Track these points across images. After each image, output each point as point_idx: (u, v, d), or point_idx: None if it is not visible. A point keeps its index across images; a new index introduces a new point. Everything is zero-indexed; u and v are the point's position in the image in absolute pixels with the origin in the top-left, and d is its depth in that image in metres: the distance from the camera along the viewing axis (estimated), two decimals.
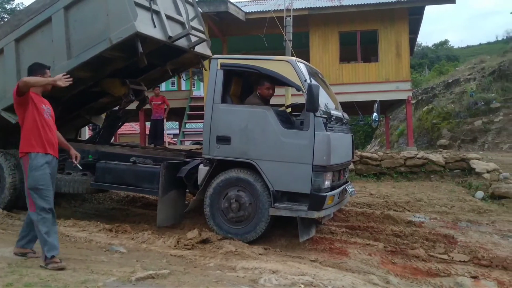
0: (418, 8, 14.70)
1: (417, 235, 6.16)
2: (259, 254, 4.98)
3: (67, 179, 6.62)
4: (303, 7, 14.30)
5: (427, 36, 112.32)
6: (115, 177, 6.48)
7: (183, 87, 18.86)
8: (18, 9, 29.71)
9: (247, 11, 14.57)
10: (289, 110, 6.22)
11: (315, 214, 5.26)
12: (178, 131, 20.27)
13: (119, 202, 8.65)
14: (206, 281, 3.74)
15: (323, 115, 5.29)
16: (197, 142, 15.82)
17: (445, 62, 40.99)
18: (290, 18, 11.97)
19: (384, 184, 10.11)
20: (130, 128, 26.11)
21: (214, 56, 6.11)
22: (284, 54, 11.23)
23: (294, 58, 5.66)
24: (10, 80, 6.54)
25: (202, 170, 5.81)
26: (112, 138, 9.44)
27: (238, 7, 14.11)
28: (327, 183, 5.31)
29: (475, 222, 7.24)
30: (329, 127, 5.34)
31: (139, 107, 8.76)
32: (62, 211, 7.22)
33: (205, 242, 5.38)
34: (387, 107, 17.03)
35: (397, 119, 24.25)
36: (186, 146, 14.92)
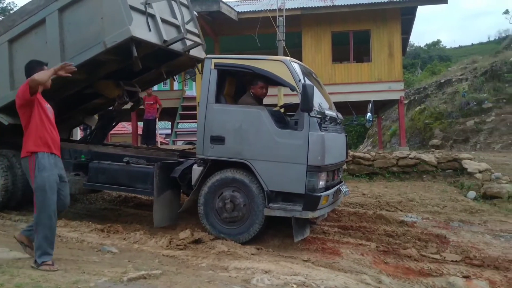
0: (410, 8, 14.75)
1: (409, 235, 6.19)
2: (252, 254, 4.97)
3: None
4: (296, 7, 14.27)
5: (420, 36, 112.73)
6: (109, 177, 6.44)
7: (176, 87, 18.78)
8: (10, 8, 29.42)
9: (240, 11, 14.53)
10: (282, 110, 6.21)
11: (310, 214, 5.25)
12: (170, 131, 20.21)
13: (111, 202, 8.59)
14: (198, 281, 3.73)
15: (318, 115, 5.28)
16: (189, 142, 15.81)
17: (437, 62, 41.24)
18: (283, 18, 11.96)
19: (376, 184, 10.14)
20: (122, 128, 25.92)
21: (208, 55, 6.07)
22: (276, 54, 11.23)
23: (288, 58, 5.65)
24: (3, 81, 6.47)
25: (196, 170, 5.79)
26: (105, 139, 9.39)
27: (230, 7, 14.08)
28: (322, 183, 5.30)
29: (467, 222, 7.28)
30: (323, 127, 5.33)
31: (133, 108, 8.71)
32: None
33: (197, 242, 5.36)
34: (380, 107, 17.07)
35: (389, 119, 24.34)
36: (179, 146, 14.89)
